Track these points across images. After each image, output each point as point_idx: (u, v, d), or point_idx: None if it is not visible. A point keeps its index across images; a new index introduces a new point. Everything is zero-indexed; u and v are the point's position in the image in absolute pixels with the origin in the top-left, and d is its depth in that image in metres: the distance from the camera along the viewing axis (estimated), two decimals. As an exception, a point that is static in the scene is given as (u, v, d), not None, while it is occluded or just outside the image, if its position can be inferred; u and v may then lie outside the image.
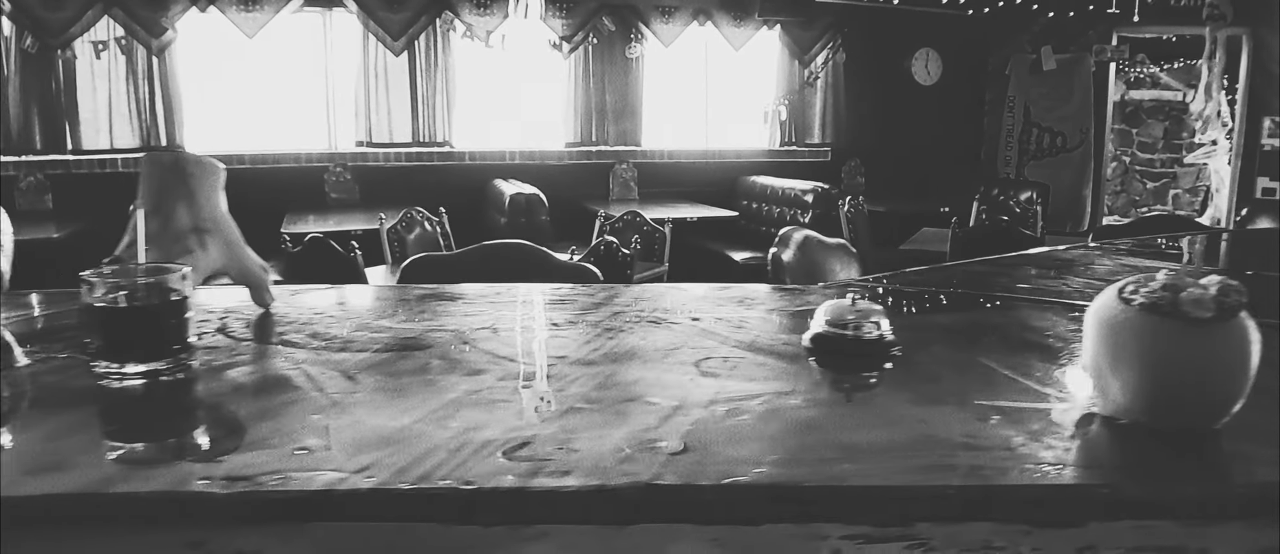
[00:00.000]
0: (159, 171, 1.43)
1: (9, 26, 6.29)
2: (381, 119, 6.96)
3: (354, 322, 1.45)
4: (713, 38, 7.42)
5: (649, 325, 1.41)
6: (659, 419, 0.97)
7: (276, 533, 0.78)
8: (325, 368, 1.15)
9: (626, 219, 4.87)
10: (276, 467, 0.83)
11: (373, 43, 6.82)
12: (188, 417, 1.01)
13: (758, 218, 7.05)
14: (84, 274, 1.16)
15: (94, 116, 6.51)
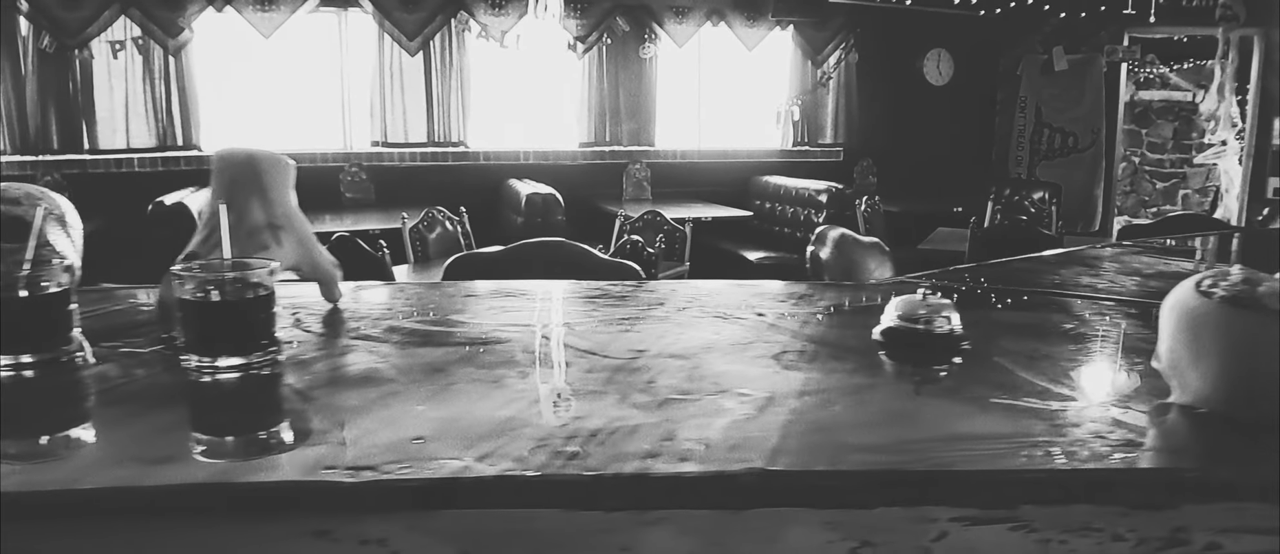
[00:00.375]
0: (232, 168, 1.45)
1: (27, 26, 6.31)
2: (397, 119, 6.98)
3: (424, 316, 1.47)
4: (725, 38, 7.44)
5: (717, 320, 1.43)
6: (755, 409, 0.99)
7: (402, 521, 0.81)
8: (413, 361, 1.18)
9: (646, 219, 4.90)
10: (397, 456, 0.85)
11: (388, 43, 6.84)
12: (291, 409, 1.03)
13: (771, 218, 7.08)
14: (175, 269, 1.18)
15: (110, 116, 6.54)
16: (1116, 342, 1.37)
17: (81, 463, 0.88)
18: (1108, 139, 7.82)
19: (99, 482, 0.81)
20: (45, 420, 0.99)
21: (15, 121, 6.35)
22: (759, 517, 0.82)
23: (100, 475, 0.82)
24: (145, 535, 0.80)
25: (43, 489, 0.80)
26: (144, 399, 1.08)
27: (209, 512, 0.81)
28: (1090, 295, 1.75)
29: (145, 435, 0.95)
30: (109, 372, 1.15)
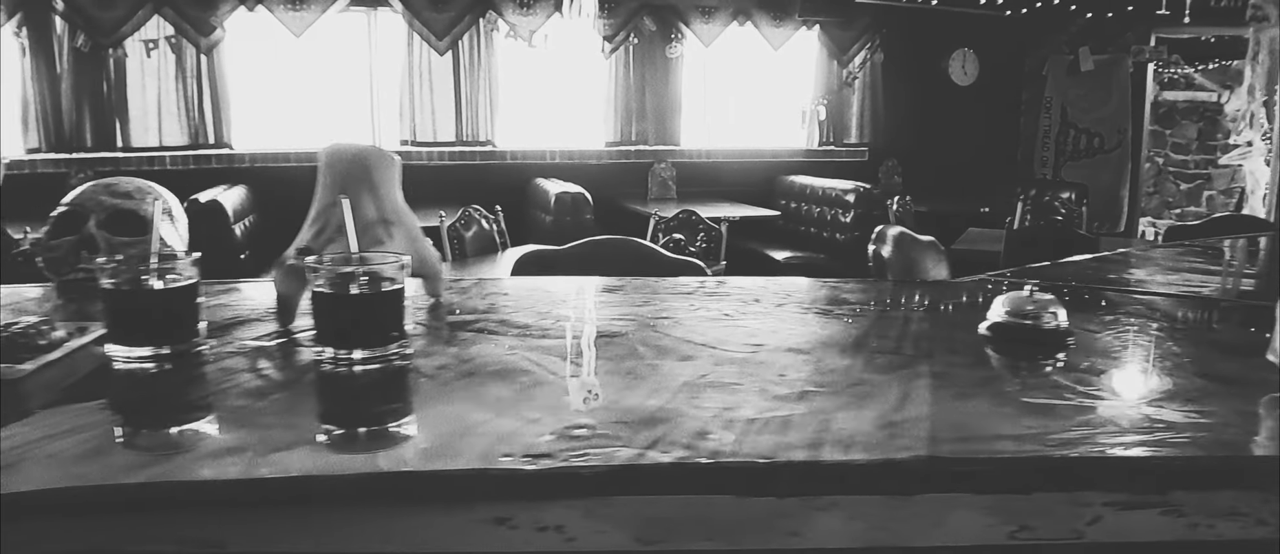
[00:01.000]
0: (341, 164, 1.48)
1: (62, 25, 6.36)
2: (425, 118, 7.02)
3: (531, 310, 1.50)
4: (751, 38, 7.46)
5: (819, 316, 1.46)
6: (898, 400, 1.02)
7: (580, 508, 0.83)
8: (540, 353, 1.21)
9: (681, 218, 4.92)
10: (568, 445, 0.88)
11: (417, 42, 6.88)
12: (444, 400, 1.06)
13: (797, 217, 7.09)
14: (309, 261, 1.21)
15: (143, 114, 6.58)
16: (1219, 336, 1.40)
17: (254, 454, 0.91)
18: (1134, 140, 7.82)
19: (276, 472, 0.84)
20: (201, 411, 1.02)
21: (50, 119, 6.40)
22: (924, 502, 0.85)
23: (276, 465, 0.86)
24: (327, 524, 0.83)
25: (225, 480, 0.83)
26: (292, 390, 1.11)
27: (389, 500, 0.83)
28: (1182, 293, 1.78)
29: (307, 426, 0.98)
30: (239, 364, 1.18)
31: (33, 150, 6.42)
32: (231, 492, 0.82)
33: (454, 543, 0.83)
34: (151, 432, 0.97)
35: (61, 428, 0.93)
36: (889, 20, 7.60)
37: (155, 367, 1.16)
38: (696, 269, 2.40)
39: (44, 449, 0.87)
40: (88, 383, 1.11)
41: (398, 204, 1.49)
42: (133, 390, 1.10)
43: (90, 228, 1.38)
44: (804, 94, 7.78)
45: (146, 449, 0.92)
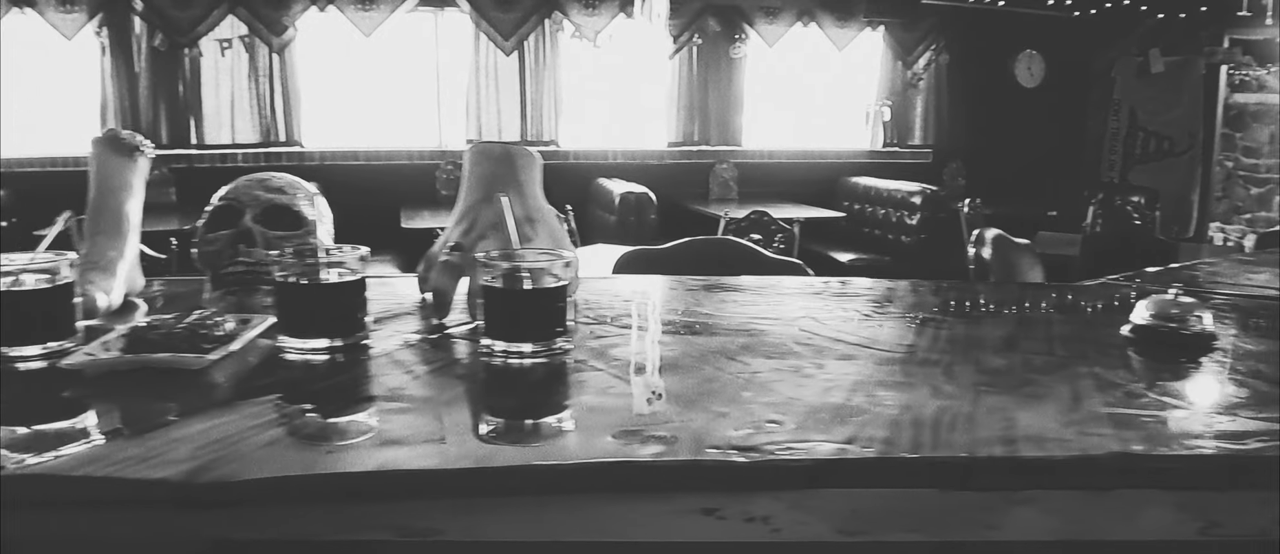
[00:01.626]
0: (488, 162, 1.52)
1: (140, 25, 6.50)
2: (491, 117, 7.08)
3: (669, 308, 1.53)
4: (815, 38, 7.44)
5: (959, 318, 1.47)
6: (1071, 398, 1.04)
7: (788, 499, 0.85)
8: (700, 350, 1.24)
9: (752, 218, 4.93)
10: (767, 438, 0.91)
11: (484, 42, 6.94)
12: (630, 392, 1.08)
13: (861, 219, 7.07)
14: (478, 256, 1.25)
15: (217, 112, 6.71)
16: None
17: (460, 444, 0.94)
18: (1205, 143, 7.71)
19: (483, 462, 0.88)
20: (392, 402, 1.06)
21: (128, 117, 6.54)
22: (1118, 498, 0.86)
23: (484, 456, 0.89)
24: (538, 513, 0.85)
25: (446, 469, 0.86)
26: (471, 382, 1.15)
27: (601, 490, 0.86)
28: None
29: (500, 417, 1.02)
30: (411, 357, 1.22)
31: (111, 147, 6.55)
32: (451, 481, 0.85)
33: (662, 533, 0.85)
34: (353, 422, 1.00)
35: (265, 418, 0.97)
36: (954, 21, 7.55)
37: (329, 358, 1.20)
38: (799, 269, 2.42)
39: (258, 438, 0.90)
40: (263, 374, 1.15)
41: (540, 202, 1.52)
42: (318, 381, 1.14)
43: (247, 222, 1.42)
44: (867, 95, 7.75)
45: (355, 438, 0.95)
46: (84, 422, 0.98)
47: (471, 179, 1.51)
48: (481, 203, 1.48)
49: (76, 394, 1.07)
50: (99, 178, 1.55)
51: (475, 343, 1.28)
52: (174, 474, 0.81)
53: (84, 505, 0.81)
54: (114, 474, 0.82)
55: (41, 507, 0.82)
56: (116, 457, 0.85)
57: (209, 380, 1.10)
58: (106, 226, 1.51)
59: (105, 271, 1.47)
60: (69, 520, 0.81)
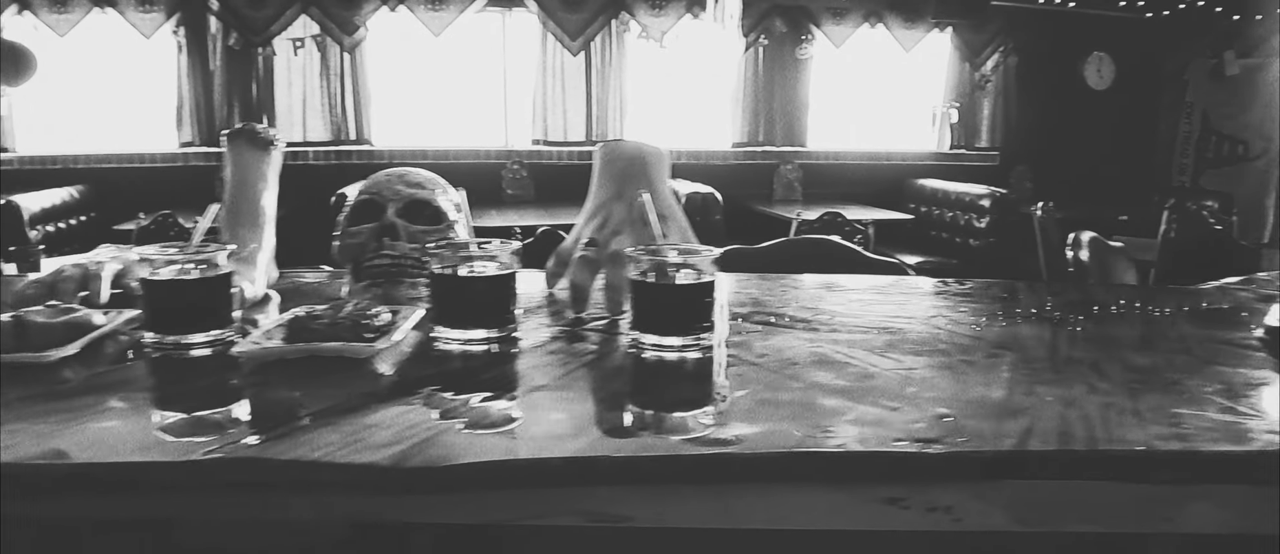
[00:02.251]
0: (620, 160, 1.53)
1: (216, 24, 6.62)
2: (557, 117, 7.13)
3: (794, 304, 1.54)
4: (882, 39, 7.40)
5: (1086, 318, 1.46)
6: (1226, 395, 1.03)
7: (970, 490, 0.86)
8: (845, 347, 1.24)
9: (825, 219, 4.91)
10: (944, 431, 0.91)
11: (551, 42, 6.99)
12: (784, 386, 1.09)
13: (928, 222, 7.02)
14: (628, 252, 1.26)
15: (289, 111, 6.82)
16: None
17: (653, 433, 0.96)
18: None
19: (672, 450, 0.89)
20: (565, 393, 1.07)
21: (202, 115, 6.67)
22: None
23: (666, 445, 0.90)
24: (727, 499, 0.86)
25: (641, 457, 0.88)
26: (631, 374, 1.17)
27: (794, 479, 0.87)
28: None
29: (681, 409, 1.03)
30: (561, 348, 1.24)
31: (186, 144, 6.70)
32: (643, 469, 0.87)
33: (848, 521, 0.86)
34: (533, 410, 1.02)
35: (446, 405, 0.99)
36: (1023, 22, 7.48)
37: (486, 349, 1.22)
38: (900, 269, 2.41)
39: (450, 424, 0.92)
40: (425, 363, 1.18)
41: (670, 199, 1.54)
42: (484, 371, 1.16)
43: (390, 216, 1.45)
44: (934, 96, 7.70)
45: (540, 426, 0.97)
46: (275, 407, 1.01)
47: (603, 176, 1.53)
48: (613, 200, 1.50)
49: (251, 381, 1.09)
50: (237, 172, 1.58)
51: (613, 335, 1.30)
52: (383, 459, 0.83)
53: (294, 488, 0.84)
54: (323, 458, 0.84)
55: (247, 489, 0.84)
56: (320, 441, 0.87)
57: (374, 369, 1.13)
58: (246, 219, 1.55)
59: (248, 263, 1.51)
60: (278, 502, 0.84)
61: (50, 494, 0.82)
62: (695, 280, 1.23)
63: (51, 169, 6.58)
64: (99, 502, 0.82)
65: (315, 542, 0.82)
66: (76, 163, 6.65)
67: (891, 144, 7.75)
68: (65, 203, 6.07)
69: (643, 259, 1.22)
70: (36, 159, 6.62)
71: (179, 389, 1.09)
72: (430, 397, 1.02)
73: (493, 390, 1.06)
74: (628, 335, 1.26)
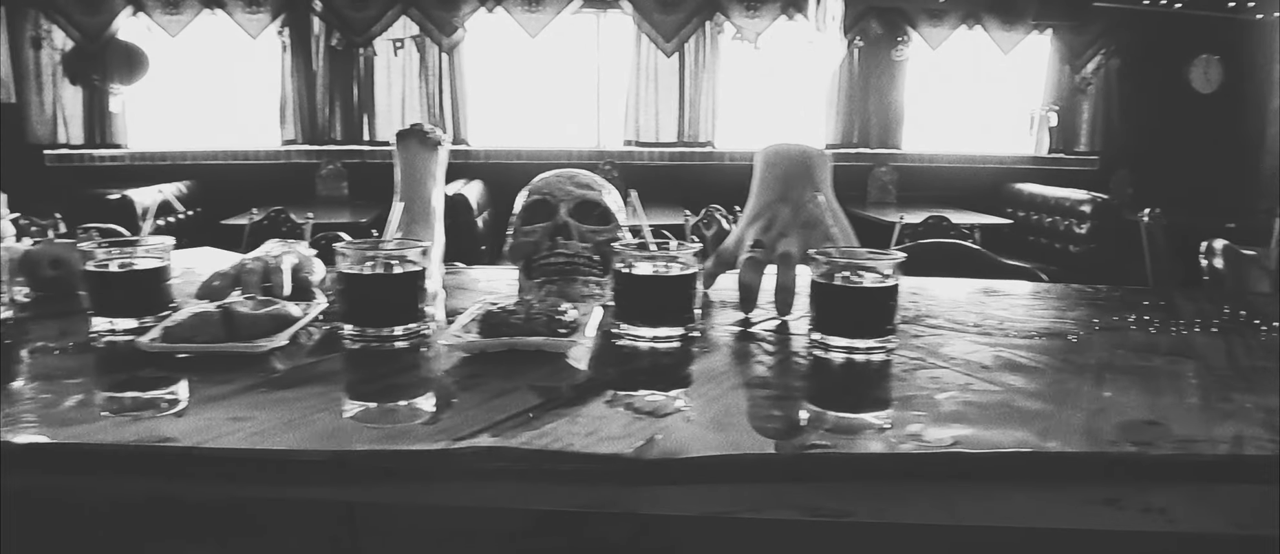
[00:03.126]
0: (785, 162, 1.54)
1: (319, 25, 6.77)
2: (649, 118, 7.16)
3: (948, 306, 1.54)
4: (979, 41, 7.30)
5: (1233, 326, 1.44)
6: None
7: (1186, 493, 0.86)
8: (1025, 351, 1.24)
9: (929, 223, 4.86)
10: (1153, 434, 0.91)
11: (645, 43, 7.02)
12: (982, 388, 1.09)
13: (1025, 227, 6.91)
14: (811, 253, 1.27)
15: (388, 110, 6.95)
16: None
17: (884, 431, 0.97)
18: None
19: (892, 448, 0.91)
20: (770, 390, 1.09)
21: (305, 113, 6.83)
22: None
23: (886, 442, 0.91)
24: (946, 498, 0.87)
25: (861, 454, 0.90)
26: (830, 374, 1.18)
27: (1006, 479, 0.88)
28: None
29: (891, 408, 1.04)
30: (746, 347, 1.25)
31: (289, 142, 6.86)
32: (865, 466, 0.88)
33: (1065, 521, 0.86)
34: (753, 405, 1.04)
35: (659, 399, 1.01)
36: (1126, 24, 7.32)
37: (677, 346, 1.24)
38: (1033, 275, 2.38)
39: (675, 418, 0.95)
40: (621, 358, 1.20)
41: (834, 202, 1.54)
42: (681, 367, 1.18)
43: (562, 216, 1.48)
44: (1032, 99, 7.57)
45: (756, 421, 0.98)
46: (495, 397, 1.03)
47: (767, 178, 1.54)
48: (778, 202, 1.51)
49: (459, 373, 1.12)
50: (408, 170, 1.62)
51: (790, 336, 1.31)
52: (624, 450, 0.86)
53: (534, 477, 0.86)
54: (565, 448, 0.86)
55: (487, 477, 0.87)
56: (557, 432, 0.90)
57: (570, 364, 1.15)
58: (418, 215, 1.59)
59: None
60: (519, 493, 0.86)
61: (313, 483, 0.86)
62: (881, 283, 1.23)
63: (161, 165, 6.80)
64: (357, 489, 0.85)
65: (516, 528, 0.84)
66: (185, 159, 6.85)
67: (987, 147, 7.64)
68: (174, 197, 6.25)
69: (828, 261, 1.23)
70: (148, 155, 6.85)
71: (392, 381, 1.13)
72: (637, 391, 1.04)
73: (696, 386, 1.08)
74: (806, 336, 1.27)
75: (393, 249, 1.27)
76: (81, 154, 6.80)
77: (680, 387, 1.09)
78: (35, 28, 6.66)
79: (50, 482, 0.88)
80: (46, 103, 6.76)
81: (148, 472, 0.88)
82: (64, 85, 6.75)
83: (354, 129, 6.93)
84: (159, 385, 1.07)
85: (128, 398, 1.04)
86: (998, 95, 7.68)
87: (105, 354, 1.23)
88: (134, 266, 1.32)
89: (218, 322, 1.18)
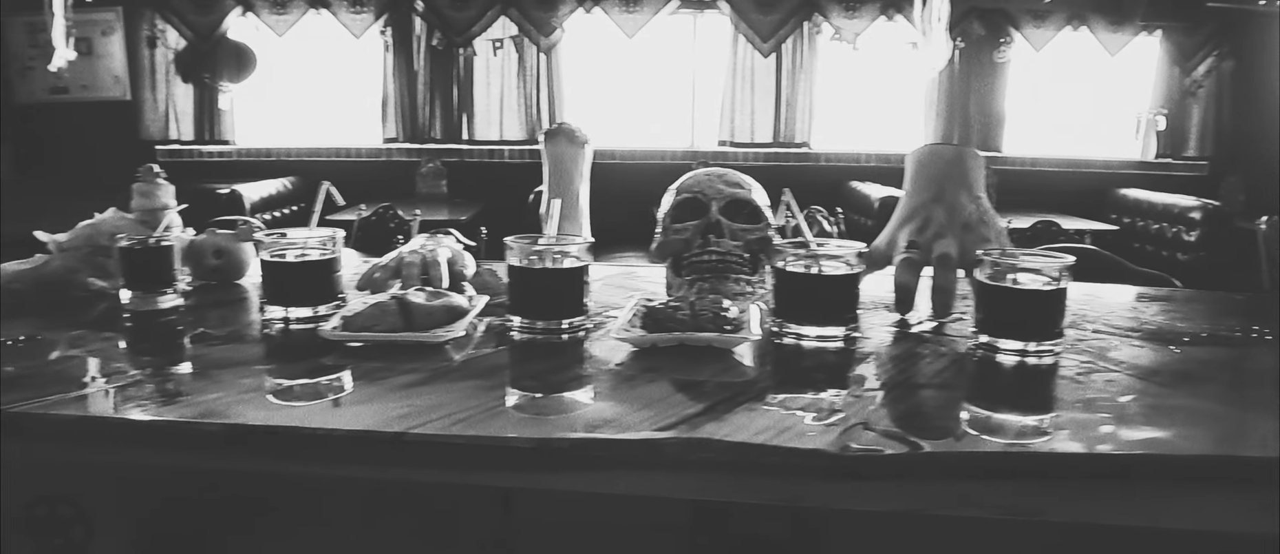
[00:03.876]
0: (939, 164, 1.53)
1: (420, 25, 6.88)
2: (744, 119, 7.14)
3: (1121, 316, 1.51)
4: (1084, 42, 7.13)
5: None
6: None
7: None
8: (1194, 360, 1.22)
9: (1038, 228, 4.78)
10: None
11: (742, 44, 7.00)
12: (1157, 393, 1.08)
13: (1130, 233, 6.73)
14: (984, 255, 1.26)
15: (486, 109, 7.04)
16: None
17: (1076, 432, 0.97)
18: None
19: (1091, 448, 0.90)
20: (949, 390, 1.09)
21: (406, 112, 6.95)
22: None
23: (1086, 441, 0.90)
24: (1149, 502, 0.86)
25: (1048, 453, 0.90)
26: (1001, 375, 1.17)
27: (1205, 480, 0.87)
28: None
29: (1075, 410, 1.03)
30: (911, 348, 1.25)
31: (390, 140, 6.99)
32: (1063, 465, 0.88)
33: (1260, 524, 0.85)
34: (942, 404, 1.04)
35: (842, 395, 1.01)
36: (1241, 25, 7.08)
37: (840, 346, 1.24)
38: (1165, 281, 2.32)
39: (860, 415, 0.95)
40: (780, 357, 1.21)
41: (987, 203, 1.52)
42: (852, 366, 1.18)
43: (714, 214, 1.48)
44: (1138, 102, 7.38)
45: (942, 420, 0.98)
46: (681, 389, 1.04)
47: (920, 179, 1.53)
48: (933, 202, 1.49)
49: (632, 367, 1.14)
50: (557, 167, 1.65)
51: (953, 338, 1.31)
52: (826, 445, 0.86)
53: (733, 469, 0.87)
54: (768, 442, 0.87)
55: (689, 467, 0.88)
56: (752, 425, 0.91)
57: (738, 361, 1.16)
58: (567, 211, 1.61)
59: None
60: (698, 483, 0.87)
61: (476, 468, 0.88)
62: (1049, 287, 1.22)
63: (267, 161, 6.98)
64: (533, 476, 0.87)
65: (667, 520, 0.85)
66: (289, 155, 7.02)
67: (1091, 151, 7.46)
68: (280, 193, 6.41)
69: (997, 263, 1.22)
70: (254, 151, 7.04)
71: (571, 373, 1.15)
72: (813, 390, 1.04)
73: (872, 386, 1.08)
74: (971, 338, 1.26)
75: (560, 244, 1.30)
76: (191, 149, 7.01)
77: (856, 386, 1.09)
78: (150, 28, 6.89)
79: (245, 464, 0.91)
80: (159, 100, 6.99)
81: (330, 457, 0.91)
82: (176, 83, 6.97)
83: (453, 128, 7.03)
84: (336, 372, 1.11)
85: (318, 384, 1.08)
86: (1102, 98, 7.50)
87: (282, 342, 1.28)
88: (309, 258, 1.36)
89: (395, 312, 1.22)
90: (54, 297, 1.55)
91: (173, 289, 1.51)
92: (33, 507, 1.24)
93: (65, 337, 1.29)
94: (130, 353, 1.24)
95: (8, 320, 1.39)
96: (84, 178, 6.86)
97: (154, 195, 1.82)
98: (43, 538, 1.22)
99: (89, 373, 1.12)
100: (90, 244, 1.62)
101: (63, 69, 5.63)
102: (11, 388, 1.03)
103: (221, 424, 0.93)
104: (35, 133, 7.02)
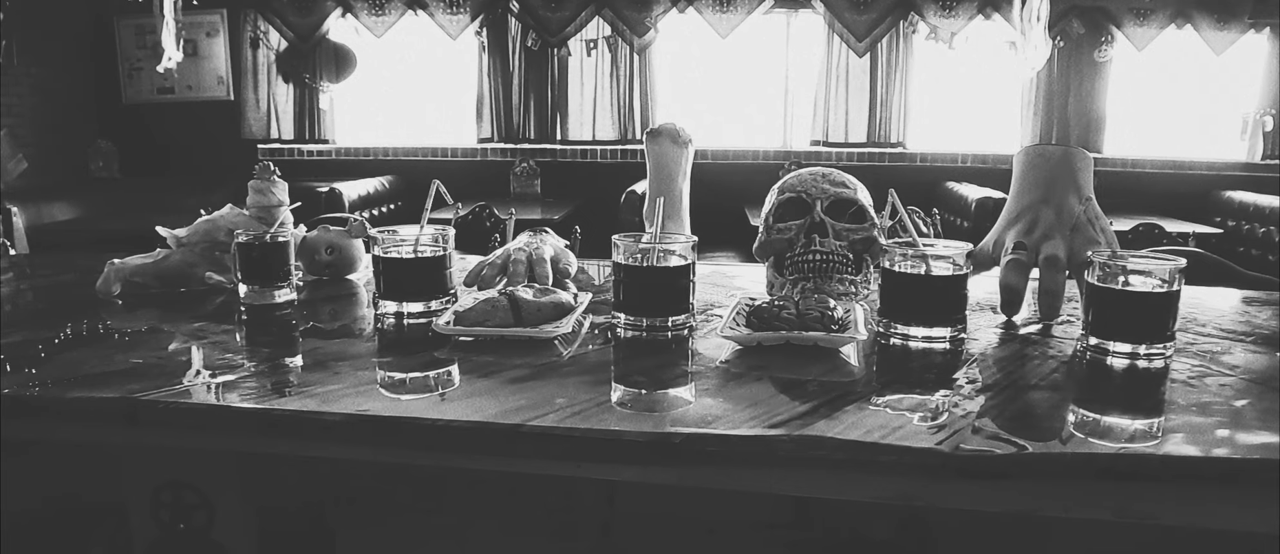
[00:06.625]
0: (1048, 165, 1.51)
1: (515, 26, 6.98)
2: (838, 119, 7.09)
3: (1233, 320, 1.48)
4: (1188, 41, 6.92)
5: None
6: None
7: None
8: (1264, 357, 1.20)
9: (1140, 230, 4.66)
10: None
11: (836, 43, 6.95)
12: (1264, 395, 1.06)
13: (1236, 237, 6.51)
14: (1095, 257, 1.24)
15: (580, 110, 7.10)
16: None
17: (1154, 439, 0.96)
18: None
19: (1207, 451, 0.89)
20: (1057, 392, 1.08)
21: (501, 113, 7.05)
22: None
23: (1201, 444, 0.90)
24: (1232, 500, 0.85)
25: (1158, 455, 0.88)
26: (1111, 377, 1.16)
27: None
28: None
29: (1187, 414, 1.02)
30: (1018, 350, 1.25)
31: (484, 140, 7.10)
32: (1181, 468, 0.87)
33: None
34: (1054, 407, 1.04)
35: (951, 395, 1.01)
36: (1358, 22, 6.81)
37: (947, 347, 1.24)
38: (1274, 284, 2.26)
39: (963, 415, 0.95)
40: (887, 357, 1.21)
41: (1095, 205, 1.50)
42: (959, 366, 1.18)
43: (819, 213, 1.49)
44: (1245, 102, 7.13)
45: (1061, 422, 0.98)
46: (787, 388, 1.06)
47: (1027, 180, 1.52)
48: (1041, 203, 1.48)
49: (740, 365, 1.16)
50: (660, 166, 1.67)
51: (1060, 340, 1.30)
52: (938, 445, 0.87)
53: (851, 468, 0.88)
54: (882, 441, 0.88)
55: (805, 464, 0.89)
56: (865, 424, 0.92)
57: (845, 360, 1.17)
58: (670, 209, 1.63)
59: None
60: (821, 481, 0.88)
61: (656, 463, 0.90)
62: (1163, 288, 1.20)
63: (365, 160, 7.15)
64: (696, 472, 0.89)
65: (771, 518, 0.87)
66: (386, 154, 7.18)
67: (1194, 152, 7.24)
68: (377, 191, 6.56)
69: (1110, 266, 1.21)
70: (352, 150, 7.21)
71: (677, 369, 1.17)
72: (927, 389, 1.05)
73: (982, 388, 1.08)
74: (1080, 339, 1.25)
75: (665, 243, 1.32)
76: (292, 148, 7.22)
77: (968, 386, 1.09)
78: (253, 29, 7.10)
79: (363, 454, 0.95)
80: (261, 100, 7.20)
81: (447, 447, 0.94)
82: (277, 83, 7.18)
83: (546, 128, 7.11)
84: (448, 366, 1.15)
85: (430, 377, 1.12)
86: (1207, 98, 7.27)
87: (396, 336, 1.32)
88: (423, 254, 1.41)
89: (506, 308, 1.25)
90: (173, 290, 1.63)
91: (287, 284, 1.57)
92: (159, 492, 1.31)
93: (185, 329, 1.36)
94: (248, 345, 1.30)
95: (130, 312, 1.46)
96: (189, 176, 7.12)
97: (269, 193, 1.89)
98: (168, 522, 1.29)
99: (210, 364, 1.17)
100: (208, 239, 1.70)
101: (171, 70, 5.86)
102: (137, 377, 1.09)
103: (342, 414, 0.97)
104: (142, 132, 7.30)
